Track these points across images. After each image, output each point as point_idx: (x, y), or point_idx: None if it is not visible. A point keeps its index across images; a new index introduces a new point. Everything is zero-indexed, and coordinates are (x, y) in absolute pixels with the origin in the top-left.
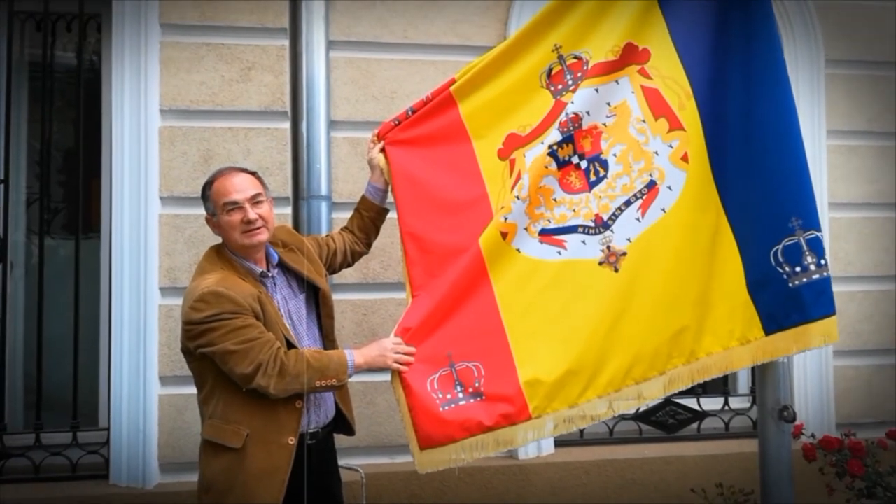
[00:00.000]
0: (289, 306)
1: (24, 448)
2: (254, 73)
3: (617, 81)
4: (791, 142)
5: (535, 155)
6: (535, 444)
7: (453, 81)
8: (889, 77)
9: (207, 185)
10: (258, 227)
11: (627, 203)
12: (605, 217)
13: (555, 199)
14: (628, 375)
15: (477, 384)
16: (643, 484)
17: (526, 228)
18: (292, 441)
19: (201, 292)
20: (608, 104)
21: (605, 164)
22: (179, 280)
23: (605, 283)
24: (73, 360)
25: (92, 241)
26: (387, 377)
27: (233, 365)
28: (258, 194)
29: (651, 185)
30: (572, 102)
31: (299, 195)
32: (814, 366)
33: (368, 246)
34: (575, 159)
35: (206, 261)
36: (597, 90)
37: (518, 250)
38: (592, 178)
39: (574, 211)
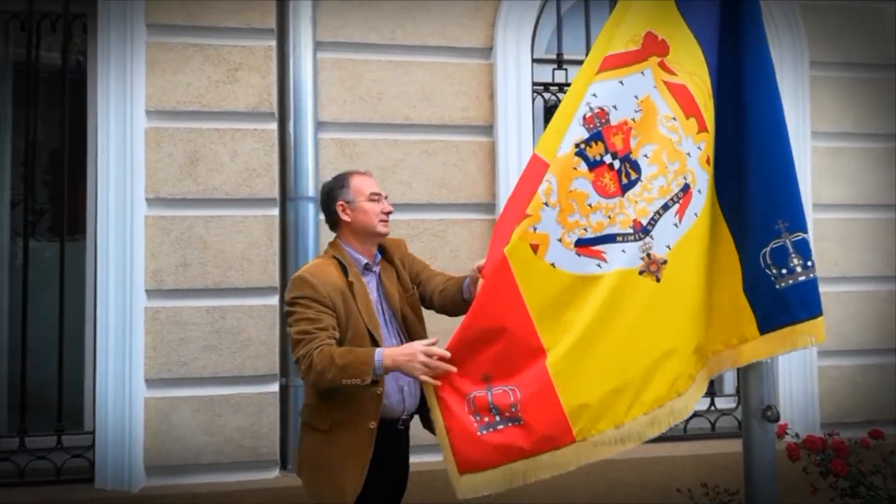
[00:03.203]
0: (381, 305)
1: (9, 452)
2: (240, 74)
3: (642, 73)
4: (779, 144)
5: (561, 154)
6: None
7: None
8: (873, 79)
9: (343, 180)
10: (388, 220)
11: (665, 207)
12: (644, 222)
13: (590, 205)
14: (672, 388)
15: (514, 409)
16: (630, 484)
17: (560, 240)
18: (373, 426)
19: (294, 276)
20: (635, 97)
21: (635, 166)
22: (165, 282)
23: (648, 294)
24: (57, 363)
25: (77, 242)
26: None
27: (292, 349)
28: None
29: (685, 189)
30: (594, 95)
31: (286, 196)
32: (798, 366)
33: (439, 311)
34: (608, 159)
35: (326, 248)
36: (621, 82)
37: (553, 265)
38: (624, 181)
39: (609, 218)
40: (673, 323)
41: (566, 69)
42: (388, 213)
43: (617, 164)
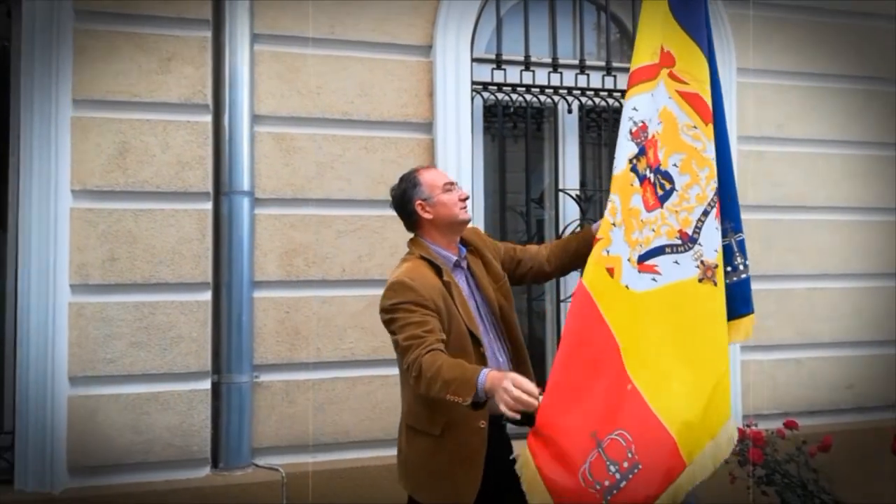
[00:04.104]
0: (476, 299)
1: None
2: (173, 65)
3: (658, 85)
4: (724, 147)
5: (618, 171)
6: None
7: None
8: (797, 86)
9: (413, 179)
10: (467, 207)
11: (705, 213)
12: (690, 232)
13: (642, 220)
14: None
15: (630, 454)
16: None
17: (629, 259)
18: (483, 424)
19: (391, 281)
20: (657, 110)
21: (667, 176)
22: (91, 277)
23: (712, 298)
24: None
25: None
26: (309, 375)
27: (398, 358)
28: None
29: (718, 192)
30: (635, 109)
31: (220, 190)
32: None
33: (558, 272)
34: (647, 172)
35: (409, 250)
36: (652, 95)
37: (627, 287)
38: (660, 192)
39: (654, 230)
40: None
41: (505, 69)
42: (464, 200)
43: (652, 177)
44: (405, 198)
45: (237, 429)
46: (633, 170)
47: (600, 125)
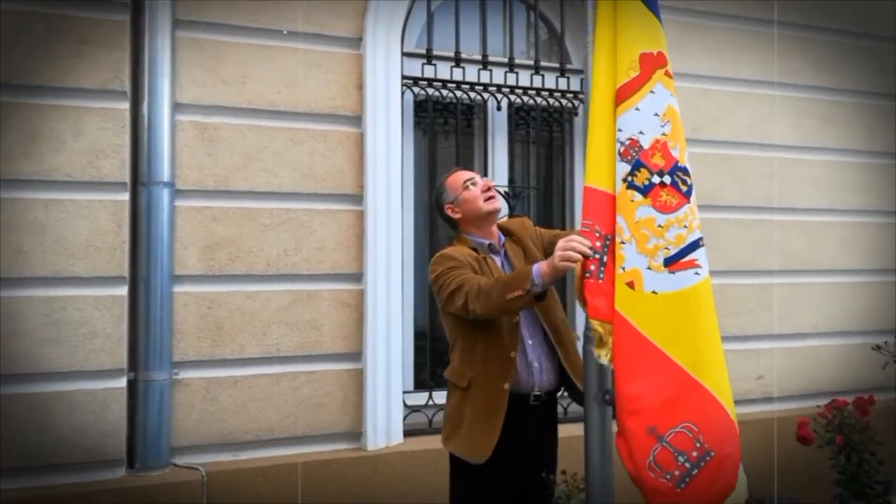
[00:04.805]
0: None
1: None
2: (88, 49)
3: (652, 91)
4: None
5: (617, 192)
6: (384, 434)
7: None
8: (713, 90)
9: (440, 187)
10: (494, 195)
11: None
12: None
13: (660, 226)
14: None
15: (698, 444)
16: None
17: (650, 268)
18: (507, 386)
19: (434, 256)
20: (656, 115)
21: (687, 171)
22: None
23: None
24: None
25: None
26: (231, 372)
27: (455, 301)
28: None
29: None
30: (620, 130)
31: (138, 180)
32: None
33: None
34: (656, 179)
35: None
36: (637, 108)
37: (654, 292)
38: (684, 188)
39: (687, 227)
40: None
41: (435, 65)
42: (488, 189)
43: (668, 179)
44: (438, 205)
45: (155, 428)
46: (632, 186)
47: (529, 123)
